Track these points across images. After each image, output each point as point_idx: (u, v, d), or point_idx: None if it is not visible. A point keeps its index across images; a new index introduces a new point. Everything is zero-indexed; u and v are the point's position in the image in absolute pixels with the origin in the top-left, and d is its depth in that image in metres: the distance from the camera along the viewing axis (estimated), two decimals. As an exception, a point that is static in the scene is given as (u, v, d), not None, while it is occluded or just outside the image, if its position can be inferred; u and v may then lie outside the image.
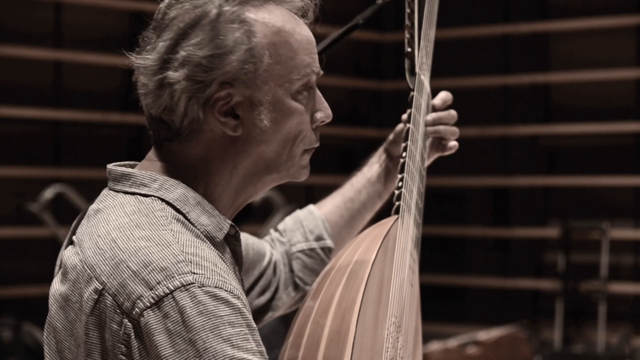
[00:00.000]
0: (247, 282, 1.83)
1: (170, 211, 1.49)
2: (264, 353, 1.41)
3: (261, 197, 5.59)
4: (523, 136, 7.33)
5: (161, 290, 1.38)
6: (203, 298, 1.38)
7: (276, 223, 1.61)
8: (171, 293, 1.38)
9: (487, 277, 7.33)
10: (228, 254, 1.55)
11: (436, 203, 7.18)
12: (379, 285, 1.66)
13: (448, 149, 1.93)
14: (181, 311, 1.37)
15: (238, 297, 1.41)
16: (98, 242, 1.46)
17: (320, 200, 1.99)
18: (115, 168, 1.56)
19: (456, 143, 1.93)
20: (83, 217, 1.55)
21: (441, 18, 1.99)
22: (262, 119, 1.51)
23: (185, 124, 1.51)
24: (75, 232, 1.54)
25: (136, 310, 1.39)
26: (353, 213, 1.94)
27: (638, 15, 6.87)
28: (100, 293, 1.42)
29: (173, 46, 1.50)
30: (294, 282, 1.89)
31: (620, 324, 6.77)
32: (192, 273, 1.39)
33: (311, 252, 1.90)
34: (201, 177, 1.53)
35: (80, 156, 6.37)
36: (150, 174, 1.52)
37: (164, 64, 1.50)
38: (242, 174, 1.54)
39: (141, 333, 1.38)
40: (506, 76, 7.37)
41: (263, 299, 1.85)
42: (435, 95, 1.95)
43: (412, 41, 1.88)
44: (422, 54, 1.90)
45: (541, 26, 7.26)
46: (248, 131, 1.51)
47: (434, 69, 1.98)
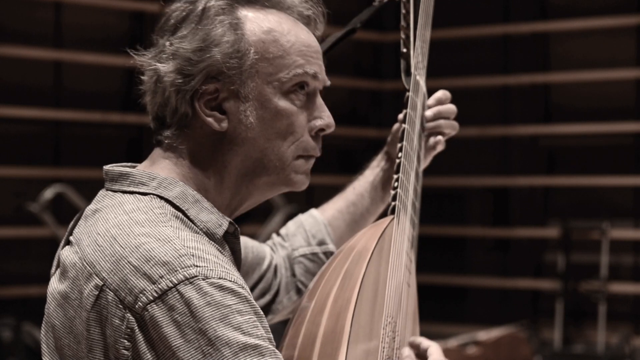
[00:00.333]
0: (247, 285, 1.82)
1: (169, 208, 1.50)
2: (272, 340, 1.42)
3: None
4: (523, 136, 7.33)
5: (164, 284, 1.39)
6: (209, 289, 1.39)
7: (276, 223, 1.62)
8: (175, 286, 1.39)
9: (487, 277, 7.33)
10: (227, 252, 1.55)
11: (436, 203, 7.18)
12: (375, 284, 1.66)
13: (441, 144, 1.93)
14: (188, 303, 1.38)
15: (242, 287, 1.43)
16: (97, 240, 1.46)
17: (319, 200, 1.99)
18: (112, 168, 1.57)
19: (452, 132, 1.94)
20: (80, 218, 1.56)
21: (441, 18, 1.99)
22: (248, 116, 1.52)
23: (176, 120, 1.53)
24: (72, 233, 1.55)
25: (139, 304, 1.39)
26: (355, 217, 1.95)
27: (638, 15, 6.88)
28: (100, 289, 1.43)
29: (165, 41, 1.54)
30: (296, 287, 1.90)
31: (620, 324, 6.78)
32: (195, 266, 1.40)
33: (313, 257, 1.91)
34: (195, 176, 1.54)
35: (80, 156, 6.37)
36: (148, 173, 1.54)
37: (157, 59, 1.54)
38: (234, 174, 1.54)
39: (146, 326, 1.39)
40: (506, 76, 7.37)
41: (262, 302, 1.85)
42: (432, 95, 1.95)
43: (408, 42, 1.89)
44: (418, 54, 1.91)
45: (541, 26, 7.26)
46: (234, 127, 1.52)
47: (434, 69, 1.99)
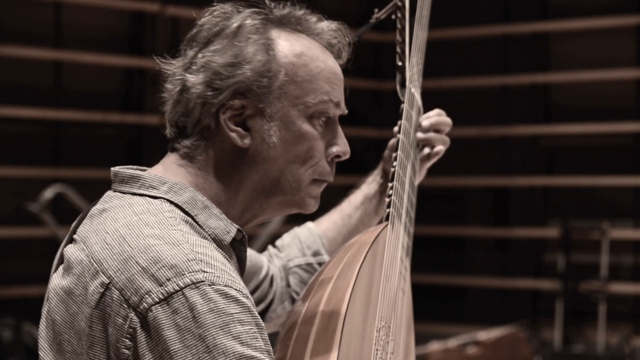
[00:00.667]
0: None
1: (178, 213, 1.51)
2: (272, 352, 1.43)
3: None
4: (523, 136, 7.33)
5: (171, 287, 1.40)
6: (213, 296, 1.39)
7: (276, 223, 1.63)
8: (181, 290, 1.39)
9: (487, 277, 7.33)
10: (233, 259, 1.56)
11: (436, 203, 7.18)
12: (368, 287, 1.66)
13: (434, 155, 1.95)
14: (191, 308, 1.38)
15: (247, 297, 1.44)
16: (106, 238, 1.47)
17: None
18: (123, 170, 1.58)
19: (442, 148, 1.95)
20: (84, 218, 1.56)
21: (441, 18, 2.00)
22: (271, 135, 1.54)
23: (197, 131, 1.55)
24: (75, 232, 1.55)
25: (144, 305, 1.40)
26: (350, 229, 1.97)
27: (638, 15, 6.88)
28: (106, 287, 1.43)
29: (196, 53, 1.56)
30: (291, 296, 1.91)
31: (620, 324, 6.77)
32: (203, 271, 1.41)
33: (308, 267, 1.93)
34: (209, 184, 1.55)
35: (80, 156, 6.37)
36: (159, 177, 1.55)
37: (186, 70, 1.55)
38: (249, 190, 1.56)
39: (148, 328, 1.40)
40: (506, 76, 7.37)
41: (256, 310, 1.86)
42: (430, 102, 1.97)
43: (403, 56, 1.91)
44: (413, 67, 1.93)
45: (541, 26, 7.26)
46: (256, 145, 1.54)
47: (435, 69, 2.00)
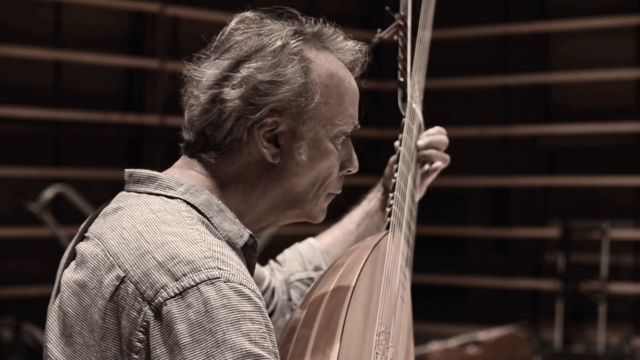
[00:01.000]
0: None
1: (195, 213, 1.53)
2: (278, 356, 1.44)
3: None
4: (523, 136, 7.33)
5: (187, 282, 1.42)
6: (228, 292, 1.41)
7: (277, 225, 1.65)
8: (197, 285, 1.41)
9: (487, 277, 7.33)
10: (244, 264, 1.57)
11: (436, 203, 7.18)
12: (369, 291, 1.68)
13: (432, 171, 1.99)
14: (205, 302, 1.40)
15: (260, 297, 1.45)
16: (122, 234, 1.49)
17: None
18: (138, 170, 1.59)
19: (441, 164, 1.99)
20: (95, 217, 1.58)
21: (441, 18, 2.01)
22: (301, 153, 1.58)
23: (227, 142, 1.56)
24: (86, 230, 1.57)
25: (159, 299, 1.42)
26: (351, 244, 1.99)
27: (638, 15, 6.88)
28: (121, 280, 1.45)
29: (234, 66, 1.56)
30: (292, 309, 1.93)
31: (620, 324, 6.78)
32: (219, 268, 1.43)
33: (309, 281, 1.95)
34: (228, 194, 1.58)
35: (80, 156, 6.37)
36: (176, 179, 1.56)
37: (222, 81, 1.56)
38: (269, 202, 1.60)
39: (161, 321, 1.41)
40: (506, 76, 7.37)
41: None
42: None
43: (405, 72, 1.95)
44: (415, 84, 1.96)
45: (541, 26, 7.26)
46: (285, 161, 1.58)
47: (435, 69, 2.01)
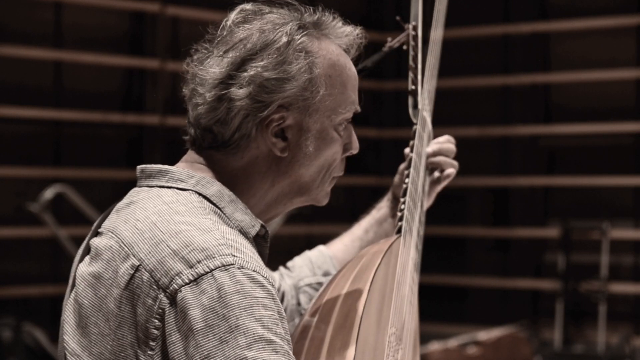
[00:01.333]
0: None
1: (207, 204, 1.55)
2: (291, 342, 1.45)
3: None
4: (523, 136, 7.33)
5: (201, 268, 1.43)
6: (241, 278, 1.43)
7: (276, 224, 1.65)
8: (211, 272, 1.43)
9: (487, 277, 7.33)
10: (257, 253, 1.58)
11: (436, 203, 7.16)
12: (381, 292, 1.69)
13: (444, 178, 2.02)
14: (219, 288, 1.42)
15: (273, 285, 1.47)
16: (137, 225, 1.50)
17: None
18: (149, 166, 1.61)
19: (453, 170, 2.02)
20: (109, 214, 1.59)
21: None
22: (308, 145, 1.60)
23: (235, 138, 1.58)
24: (100, 227, 1.58)
25: (174, 286, 1.43)
26: (360, 251, 1.99)
27: (638, 15, 6.87)
28: (136, 269, 1.47)
29: (240, 64, 1.57)
30: (300, 314, 1.94)
31: (620, 324, 6.77)
32: (233, 255, 1.45)
33: (318, 286, 1.97)
34: (238, 187, 1.59)
35: (80, 156, 6.37)
36: (187, 171, 1.58)
37: (228, 79, 1.57)
38: (278, 193, 1.62)
39: (176, 308, 1.43)
40: (506, 76, 7.37)
41: None
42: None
43: (416, 80, 1.98)
44: (424, 93, 1.99)
45: (541, 26, 7.26)
46: (293, 154, 1.60)
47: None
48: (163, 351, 1.45)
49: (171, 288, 1.43)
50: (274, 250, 2.12)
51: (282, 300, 1.93)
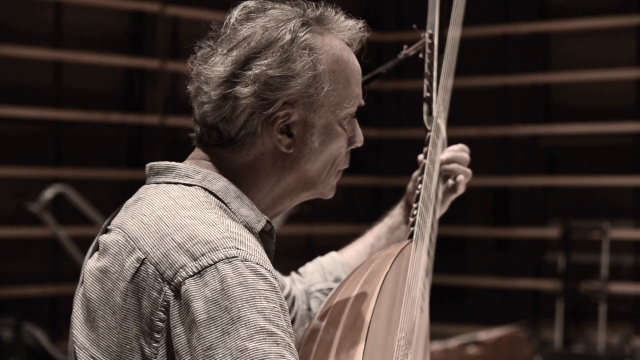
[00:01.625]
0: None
1: (213, 199, 1.56)
2: (292, 335, 1.46)
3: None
4: (523, 136, 7.33)
5: (205, 261, 1.45)
6: (244, 271, 1.44)
7: (276, 224, 1.65)
8: (214, 264, 1.44)
9: (487, 277, 7.33)
10: (261, 248, 1.59)
11: (436, 203, 7.17)
12: (392, 296, 1.70)
13: (458, 184, 2.02)
14: (222, 280, 1.43)
15: (275, 278, 1.48)
16: (143, 219, 1.52)
17: (318, 198, 2.03)
18: (157, 163, 1.63)
19: (465, 177, 2.03)
20: (118, 212, 1.61)
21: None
22: (314, 140, 1.62)
23: (241, 135, 1.59)
24: (109, 224, 1.60)
25: (178, 278, 1.45)
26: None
27: (638, 15, 6.87)
28: (142, 262, 1.48)
29: (244, 63, 1.58)
30: (310, 319, 1.93)
31: (620, 324, 6.77)
32: (236, 248, 1.46)
33: (329, 292, 1.97)
34: (244, 183, 1.61)
35: (80, 156, 6.37)
36: (193, 167, 1.60)
37: (233, 78, 1.58)
38: (284, 188, 1.63)
39: (180, 300, 1.44)
40: (506, 76, 7.37)
41: None
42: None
43: (431, 87, 2.00)
44: (439, 99, 2.00)
45: (541, 26, 7.26)
46: (299, 150, 1.61)
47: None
48: (168, 343, 1.46)
49: (175, 280, 1.45)
50: (275, 250, 2.12)
51: (293, 305, 1.94)
